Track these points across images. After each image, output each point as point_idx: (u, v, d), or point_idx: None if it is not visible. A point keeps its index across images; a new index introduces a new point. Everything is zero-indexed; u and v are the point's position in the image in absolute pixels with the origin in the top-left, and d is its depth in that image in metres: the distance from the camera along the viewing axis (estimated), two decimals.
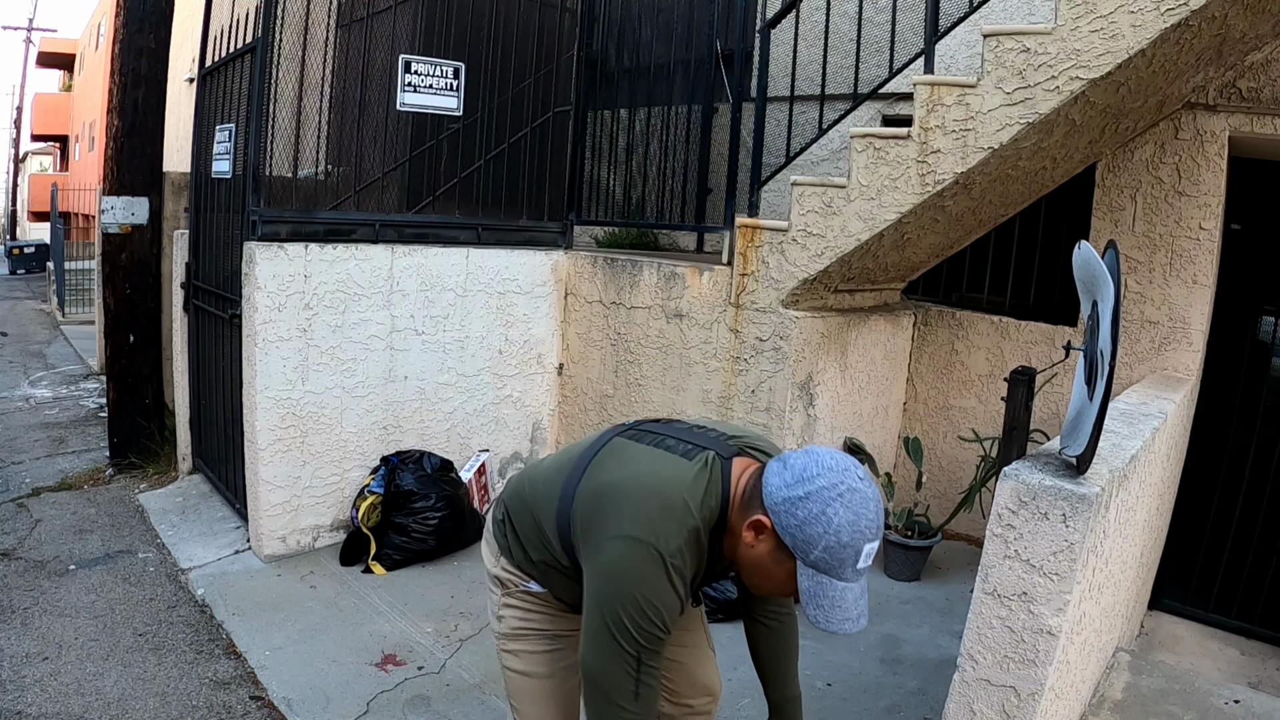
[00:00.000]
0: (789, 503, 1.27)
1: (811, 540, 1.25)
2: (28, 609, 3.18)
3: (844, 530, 1.24)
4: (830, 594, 1.27)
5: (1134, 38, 2.52)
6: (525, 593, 1.67)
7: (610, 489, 1.43)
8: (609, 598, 1.34)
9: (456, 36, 3.94)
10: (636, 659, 1.35)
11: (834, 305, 3.82)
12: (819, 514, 1.24)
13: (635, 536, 1.34)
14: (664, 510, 1.36)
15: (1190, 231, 3.53)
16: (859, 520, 1.25)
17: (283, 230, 3.44)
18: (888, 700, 2.79)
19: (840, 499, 1.25)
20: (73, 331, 10.32)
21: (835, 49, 4.37)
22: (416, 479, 3.64)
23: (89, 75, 21.69)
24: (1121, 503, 1.99)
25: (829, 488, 1.25)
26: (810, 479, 1.26)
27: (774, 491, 1.30)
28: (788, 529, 1.27)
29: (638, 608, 1.33)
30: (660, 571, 1.33)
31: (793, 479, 1.28)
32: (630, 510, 1.38)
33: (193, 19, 5.98)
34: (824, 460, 1.29)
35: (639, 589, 1.33)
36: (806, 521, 1.25)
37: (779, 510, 1.28)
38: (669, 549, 1.34)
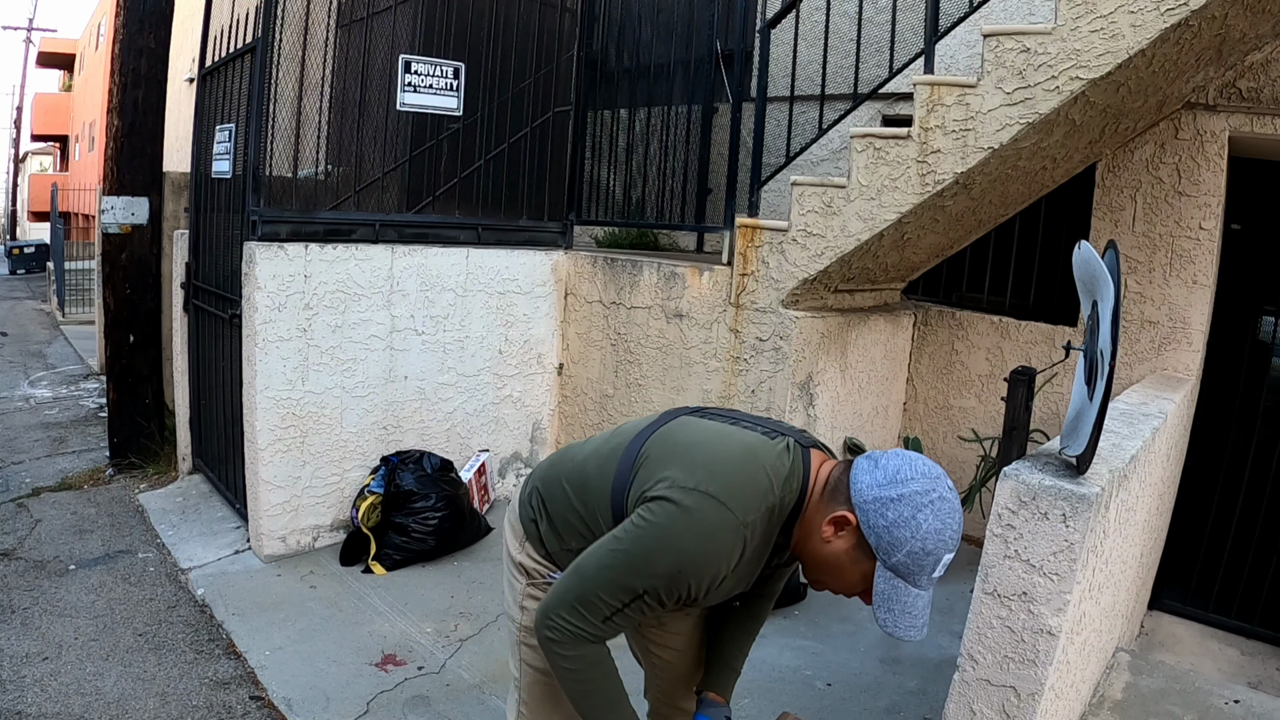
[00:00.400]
0: (880, 503, 1.24)
1: (897, 543, 1.23)
2: (28, 609, 3.18)
3: (930, 538, 1.23)
4: (904, 599, 1.26)
5: (1134, 38, 2.52)
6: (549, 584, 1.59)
7: (689, 447, 1.37)
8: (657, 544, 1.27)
9: (456, 36, 3.94)
10: (636, 596, 1.29)
11: (834, 305, 3.82)
12: (910, 518, 1.22)
13: (711, 494, 1.27)
14: (748, 479, 1.31)
15: (1190, 231, 3.53)
16: (945, 530, 1.24)
17: (283, 230, 3.44)
18: (888, 700, 2.79)
19: (931, 506, 1.23)
20: (73, 331, 10.32)
21: (835, 49, 4.37)
22: (416, 479, 3.64)
23: (89, 75, 21.69)
24: (1121, 503, 1.99)
25: (922, 493, 1.23)
26: (904, 481, 1.24)
27: (864, 489, 1.26)
28: (875, 528, 1.25)
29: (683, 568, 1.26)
30: (724, 538, 1.27)
31: (885, 479, 1.26)
32: (711, 468, 1.31)
33: (193, 19, 5.98)
34: (918, 465, 1.27)
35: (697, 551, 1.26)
36: (896, 524, 1.23)
37: (868, 509, 1.25)
38: (745, 518, 1.28)
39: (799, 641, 3.12)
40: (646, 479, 1.35)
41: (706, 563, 1.27)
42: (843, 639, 3.17)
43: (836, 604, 3.44)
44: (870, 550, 1.26)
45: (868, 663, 3.02)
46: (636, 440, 1.45)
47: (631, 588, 1.29)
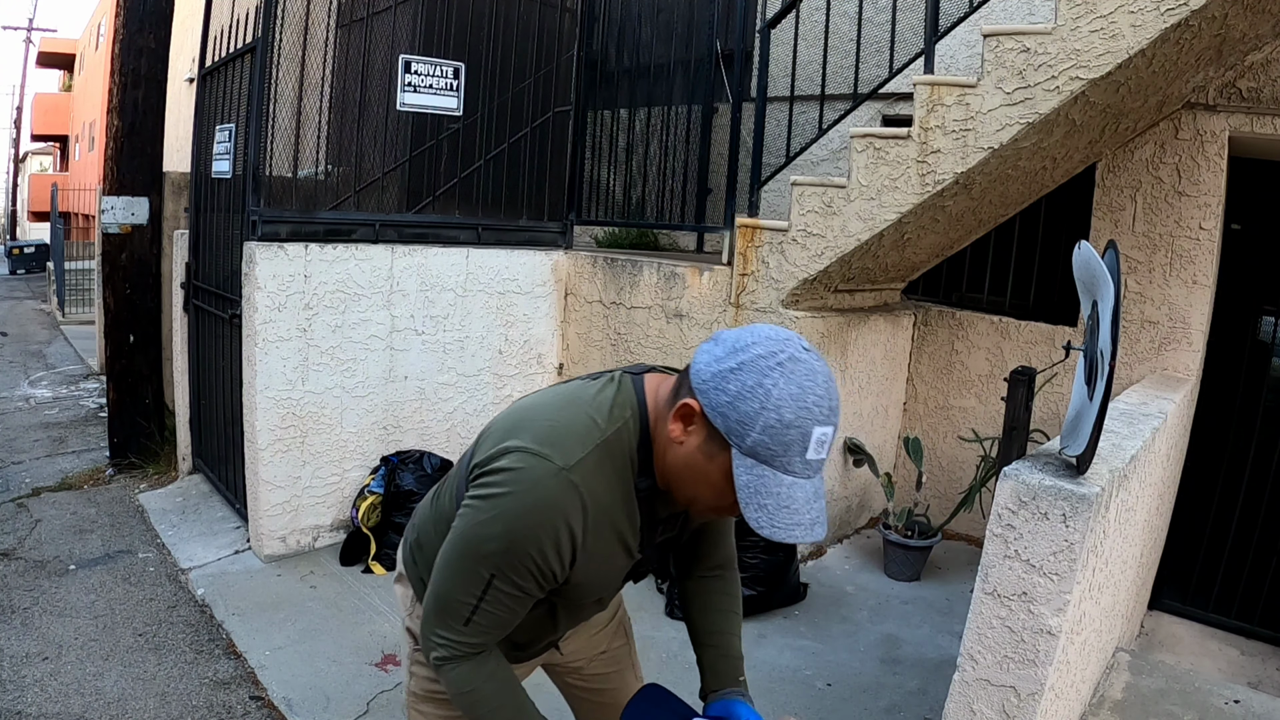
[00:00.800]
0: (719, 377, 1.03)
1: (747, 419, 1.01)
2: (28, 609, 3.18)
3: (785, 405, 1.00)
4: (775, 490, 1.03)
5: (1134, 38, 2.52)
6: None
7: (503, 419, 1.23)
8: (479, 513, 1.12)
9: (456, 36, 3.94)
10: (486, 582, 1.13)
11: (834, 305, 3.82)
12: (754, 386, 1.01)
13: (525, 448, 1.12)
14: (563, 423, 1.15)
15: (1190, 231, 3.53)
16: (805, 394, 1.01)
17: (283, 230, 3.44)
18: (888, 700, 2.79)
19: (781, 368, 1.01)
20: (73, 331, 10.32)
21: (835, 49, 4.37)
22: (416, 479, 3.64)
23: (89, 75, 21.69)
24: (1121, 503, 1.99)
25: (766, 356, 1.02)
26: (745, 348, 1.04)
27: (702, 368, 1.06)
28: (718, 408, 1.03)
29: (514, 526, 1.09)
30: (547, 490, 1.09)
31: (724, 352, 1.05)
32: (520, 424, 1.17)
33: (193, 19, 5.98)
34: (761, 330, 1.07)
35: (514, 504, 1.10)
36: (740, 396, 1.01)
37: (708, 388, 1.04)
38: (565, 462, 1.10)
39: (799, 641, 3.12)
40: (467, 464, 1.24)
41: (539, 524, 1.10)
42: (843, 639, 3.17)
43: (836, 604, 3.44)
44: (721, 439, 1.05)
45: (868, 663, 3.02)
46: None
47: (476, 574, 1.13)
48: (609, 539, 1.18)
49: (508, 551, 1.11)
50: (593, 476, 1.12)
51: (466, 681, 1.21)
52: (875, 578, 3.73)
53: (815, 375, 1.03)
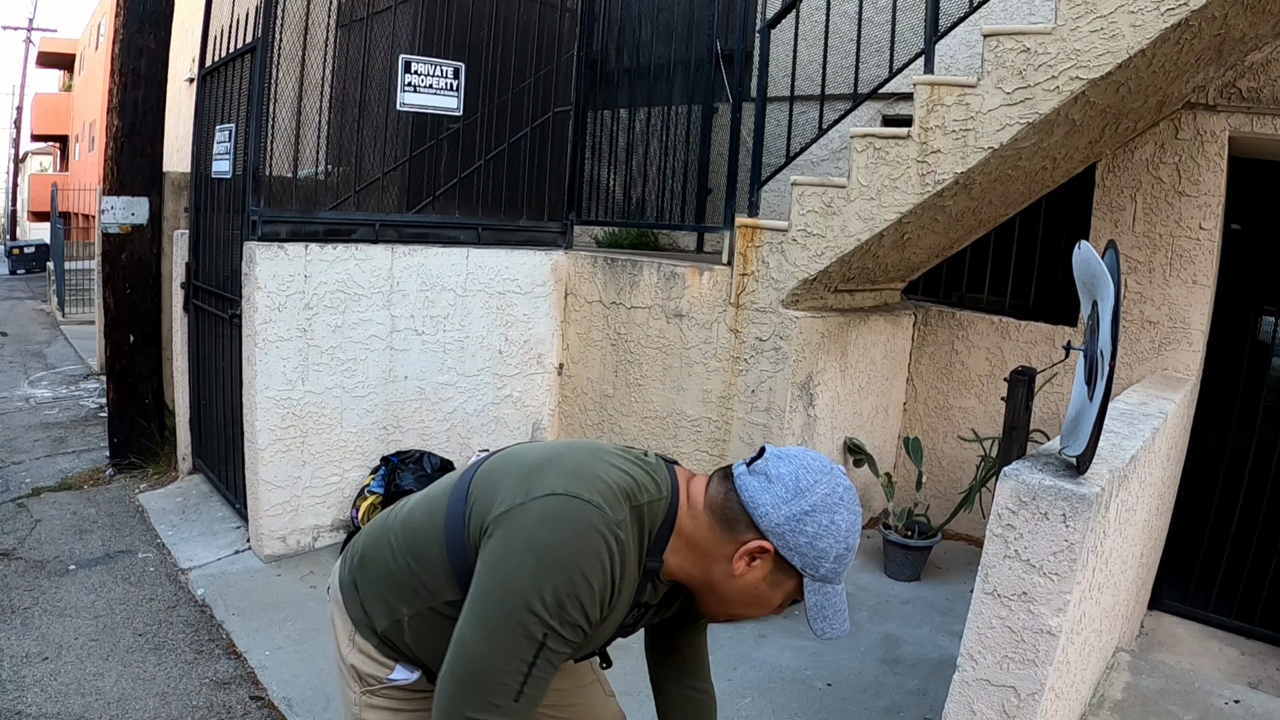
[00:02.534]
0: (794, 520, 1.12)
1: (824, 553, 1.13)
2: (28, 609, 3.18)
3: (850, 535, 1.14)
4: (833, 602, 1.16)
5: (1134, 38, 2.52)
6: (394, 689, 1.32)
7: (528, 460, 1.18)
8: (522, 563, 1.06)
9: (456, 36, 3.94)
10: (539, 647, 1.06)
11: (834, 305, 3.82)
12: (828, 525, 1.12)
13: (572, 493, 1.09)
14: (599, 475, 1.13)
15: (1190, 231, 3.53)
16: (857, 519, 1.16)
17: (283, 230, 3.44)
18: (888, 700, 2.79)
19: (842, 503, 1.14)
20: (73, 331, 10.32)
21: (835, 49, 4.37)
22: (416, 479, 3.64)
23: (89, 75, 21.69)
24: (1121, 503, 1.99)
25: (830, 494, 1.13)
26: (809, 489, 1.13)
27: (770, 511, 1.13)
28: (796, 549, 1.13)
29: (564, 578, 1.05)
30: (600, 537, 1.07)
31: (787, 493, 1.13)
32: (561, 468, 1.14)
33: (193, 19, 5.98)
34: (810, 464, 1.16)
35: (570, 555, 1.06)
36: (818, 536, 1.12)
37: (783, 531, 1.12)
38: (618, 516, 1.10)
39: (799, 641, 3.13)
40: (485, 508, 1.15)
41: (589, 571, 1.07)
42: (843, 639, 3.17)
43: None
44: (791, 569, 1.15)
45: (868, 663, 3.02)
46: (464, 475, 1.26)
47: (527, 637, 1.06)
48: (620, 604, 1.17)
49: (561, 604, 1.05)
50: (627, 539, 1.13)
51: None
52: (875, 578, 3.73)
53: (855, 496, 1.18)
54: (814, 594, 1.15)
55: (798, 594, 1.19)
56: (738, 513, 1.15)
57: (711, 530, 1.18)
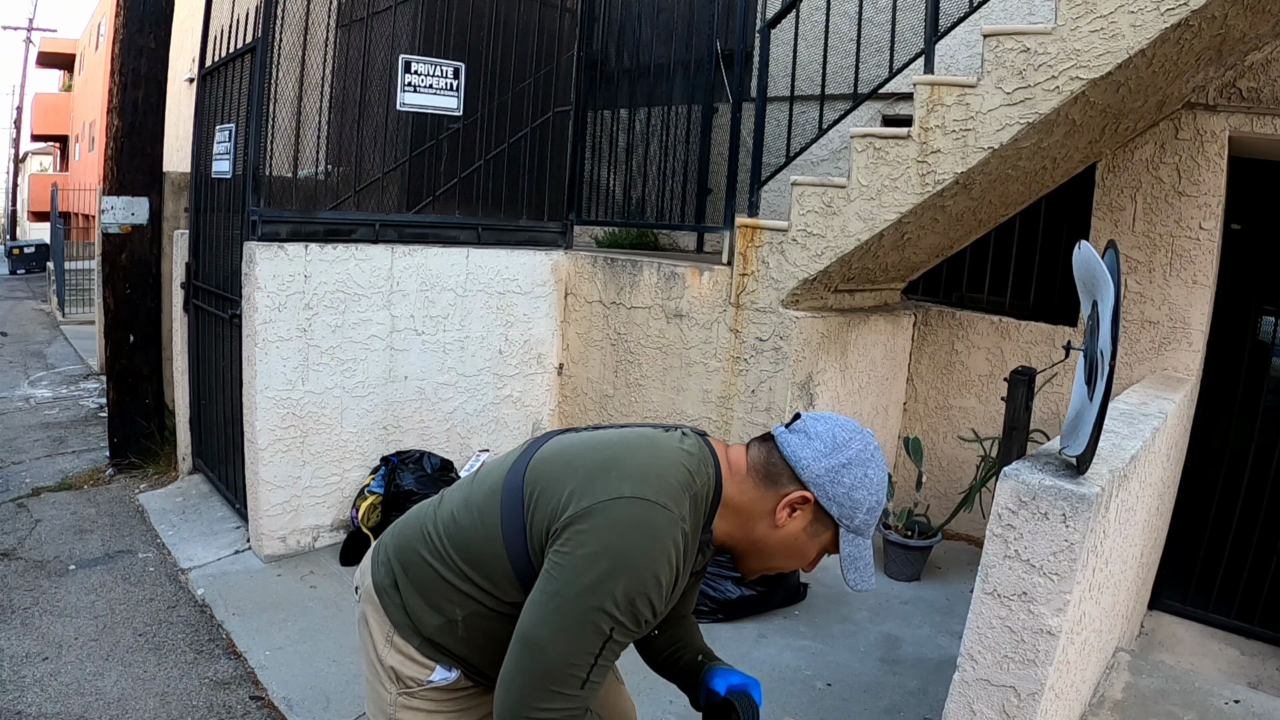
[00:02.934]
0: (833, 471, 1.22)
1: (858, 504, 1.23)
2: (28, 609, 3.18)
3: (881, 489, 1.25)
4: (863, 553, 1.26)
5: (1134, 38, 2.52)
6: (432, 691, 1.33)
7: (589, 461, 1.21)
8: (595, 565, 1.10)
9: (456, 36, 3.94)
10: (605, 639, 1.12)
11: (834, 305, 3.82)
12: (863, 478, 1.22)
13: (643, 497, 1.14)
14: (662, 471, 1.19)
15: (1190, 231, 3.53)
16: (885, 477, 1.26)
17: (283, 230, 3.44)
18: (888, 700, 2.79)
19: (873, 458, 1.24)
20: (73, 331, 10.32)
21: (835, 49, 4.37)
22: (416, 479, 3.64)
23: (89, 75, 21.69)
24: (1121, 503, 1.99)
25: (863, 449, 1.24)
26: (844, 444, 1.23)
27: (812, 463, 1.22)
28: (835, 499, 1.22)
29: (636, 578, 1.11)
30: (670, 538, 1.14)
31: (826, 448, 1.23)
32: (625, 469, 1.18)
33: (193, 19, 5.98)
34: (844, 424, 1.27)
35: (643, 556, 1.12)
36: (854, 487, 1.22)
37: (823, 482, 1.22)
38: (679, 510, 1.17)
39: (799, 641, 3.12)
40: (549, 508, 1.18)
41: (659, 571, 1.13)
42: (843, 639, 3.17)
43: (836, 604, 3.44)
44: (828, 520, 1.25)
45: (868, 663, 3.02)
46: (513, 473, 1.27)
47: (596, 630, 1.11)
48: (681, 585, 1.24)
49: (632, 602, 1.12)
50: (690, 525, 1.20)
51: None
52: (875, 577, 3.72)
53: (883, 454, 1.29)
54: (848, 544, 1.25)
55: (832, 547, 1.28)
56: (780, 468, 1.25)
57: (756, 489, 1.26)
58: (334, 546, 3.70)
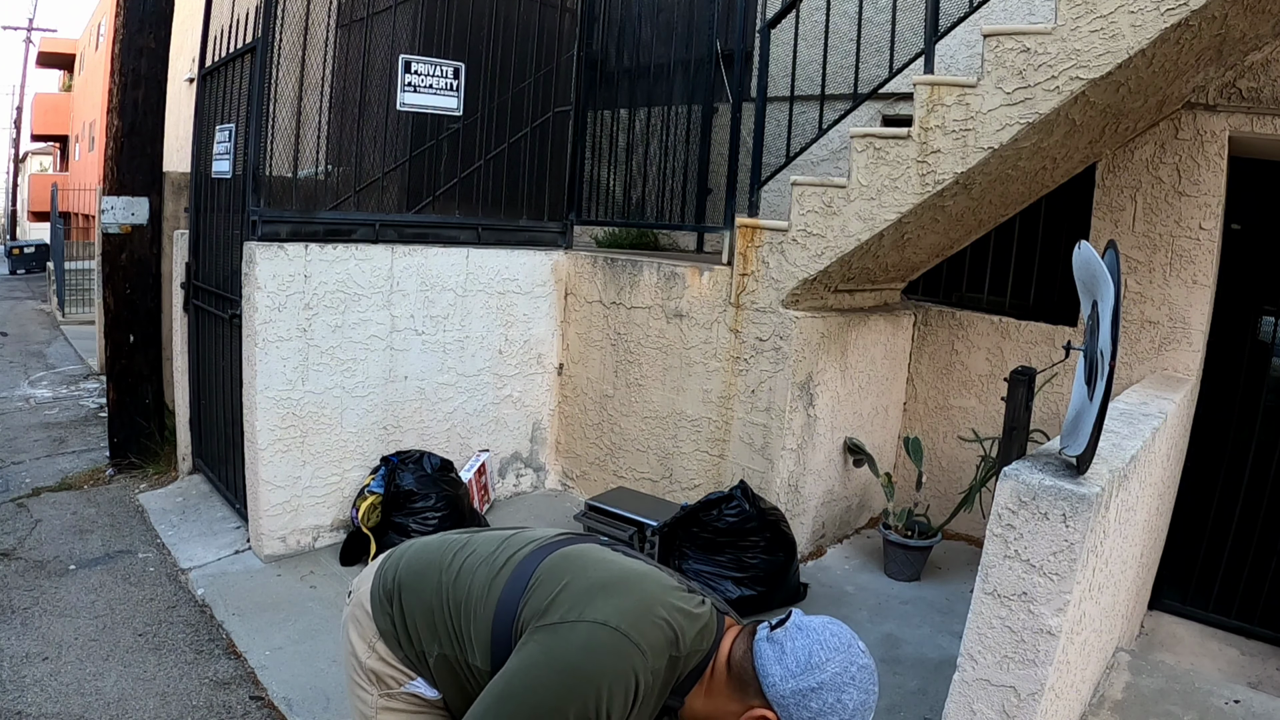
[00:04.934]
0: (799, 695, 1.13)
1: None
2: (28, 609, 3.18)
3: (859, 713, 1.14)
4: None
5: (1134, 38, 2.52)
6: (412, 695, 1.34)
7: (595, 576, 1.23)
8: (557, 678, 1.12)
9: (456, 36, 3.94)
10: None
11: (834, 305, 3.82)
12: (834, 704, 1.13)
13: (619, 630, 1.14)
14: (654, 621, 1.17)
15: (1190, 231, 3.53)
16: (869, 697, 1.15)
17: (283, 230, 3.44)
18: (888, 700, 2.79)
19: (853, 683, 1.14)
20: (73, 331, 10.32)
21: (835, 49, 4.37)
22: (416, 479, 3.64)
23: (89, 75, 21.69)
24: (1121, 503, 1.99)
25: (841, 673, 1.14)
26: (820, 666, 1.14)
27: (778, 683, 1.15)
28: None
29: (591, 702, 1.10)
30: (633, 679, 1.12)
31: (798, 668, 1.14)
32: (620, 600, 1.18)
33: (193, 19, 5.98)
34: (827, 640, 1.17)
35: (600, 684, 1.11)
36: (821, 713, 1.13)
37: (787, 704, 1.14)
38: (652, 662, 1.14)
39: None
40: (539, 606, 1.20)
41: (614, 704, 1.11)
42: None
43: (836, 604, 3.44)
44: None
45: None
46: (532, 559, 1.29)
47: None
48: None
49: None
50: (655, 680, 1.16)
51: None
52: (875, 578, 3.73)
53: (873, 675, 1.16)
54: None
55: None
56: (750, 677, 1.18)
57: (727, 687, 1.21)
58: (334, 546, 3.70)
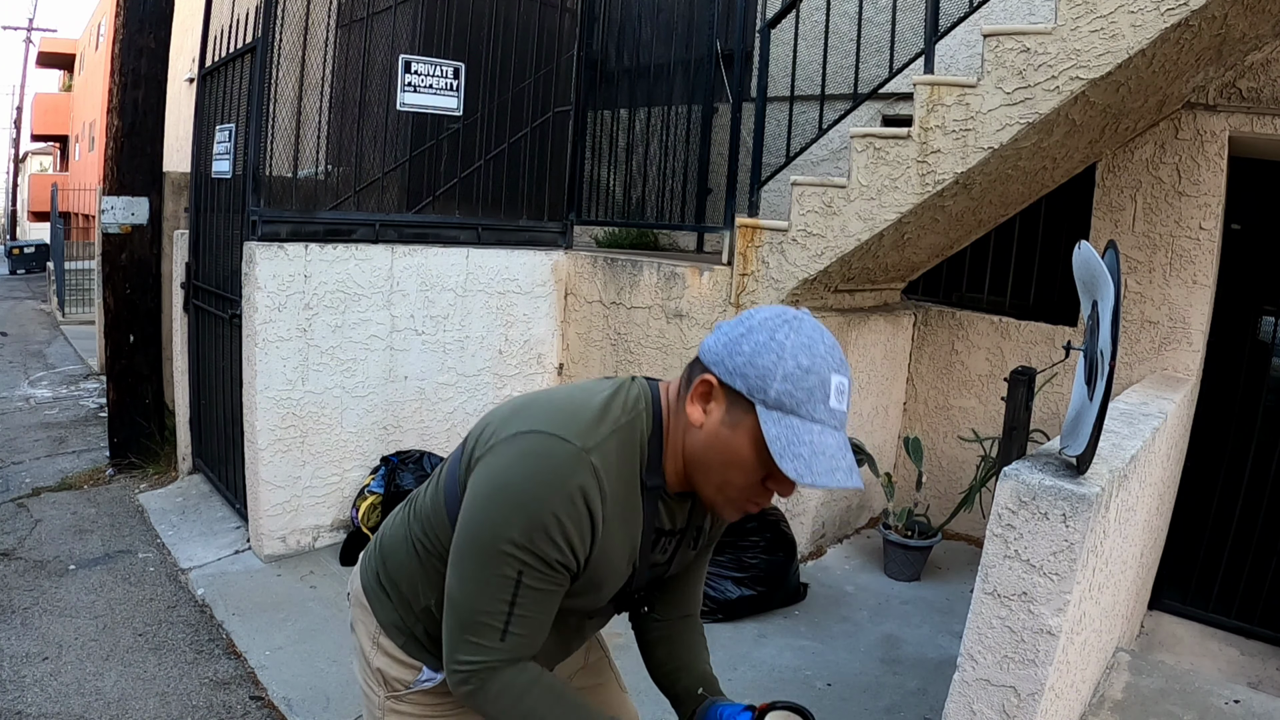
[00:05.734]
0: (731, 344, 1.04)
1: (767, 372, 1.01)
2: (28, 609, 3.18)
3: (800, 352, 1.01)
4: (806, 438, 1.01)
5: (1134, 38, 2.52)
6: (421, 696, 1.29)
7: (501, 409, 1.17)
8: (491, 500, 1.05)
9: (456, 36, 3.94)
10: (515, 585, 1.05)
11: (834, 305, 3.82)
12: (767, 341, 1.02)
13: (537, 430, 1.07)
14: (576, 408, 1.10)
15: (1190, 231, 3.53)
16: (815, 344, 1.03)
17: (283, 230, 3.44)
18: (888, 700, 2.79)
19: (786, 324, 1.03)
20: (73, 331, 10.32)
21: (835, 49, 4.37)
22: (416, 479, 3.64)
23: (89, 75, 21.70)
24: (1121, 503, 1.99)
25: (771, 318, 1.05)
26: (749, 318, 1.06)
27: (711, 345, 1.07)
28: (736, 371, 1.03)
29: (533, 513, 1.03)
30: (569, 467, 1.04)
31: (729, 327, 1.07)
32: (531, 411, 1.11)
33: (193, 19, 5.98)
34: (762, 308, 1.09)
35: (535, 490, 1.03)
36: (756, 353, 1.02)
37: (721, 356, 1.04)
38: (584, 443, 1.06)
39: (799, 641, 3.12)
40: (468, 451, 1.15)
41: (558, 500, 1.03)
42: (843, 639, 3.17)
43: (836, 604, 3.44)
44: (742, 401, 1.03)
45: (868, 663, 3.02)
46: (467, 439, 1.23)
47: (502, 577, 1.05)
48: (619, 534, 1.12)
49: (531, 539, 1.03)
50: (609, 461, 1.07)
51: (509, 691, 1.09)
52: (875, 578, 3.73)
53: (820, 331, 1.05)
54: (771, 424, 1.01)
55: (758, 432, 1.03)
56: (694, 367, 1.10)
57: (678, 404, 1.12)
58: (334, 546, 3.70)
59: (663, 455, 1.13)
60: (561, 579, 1.08)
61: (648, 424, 1.13)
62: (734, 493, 1.10)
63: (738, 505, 1.12)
